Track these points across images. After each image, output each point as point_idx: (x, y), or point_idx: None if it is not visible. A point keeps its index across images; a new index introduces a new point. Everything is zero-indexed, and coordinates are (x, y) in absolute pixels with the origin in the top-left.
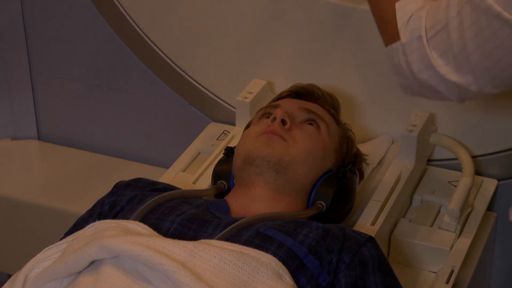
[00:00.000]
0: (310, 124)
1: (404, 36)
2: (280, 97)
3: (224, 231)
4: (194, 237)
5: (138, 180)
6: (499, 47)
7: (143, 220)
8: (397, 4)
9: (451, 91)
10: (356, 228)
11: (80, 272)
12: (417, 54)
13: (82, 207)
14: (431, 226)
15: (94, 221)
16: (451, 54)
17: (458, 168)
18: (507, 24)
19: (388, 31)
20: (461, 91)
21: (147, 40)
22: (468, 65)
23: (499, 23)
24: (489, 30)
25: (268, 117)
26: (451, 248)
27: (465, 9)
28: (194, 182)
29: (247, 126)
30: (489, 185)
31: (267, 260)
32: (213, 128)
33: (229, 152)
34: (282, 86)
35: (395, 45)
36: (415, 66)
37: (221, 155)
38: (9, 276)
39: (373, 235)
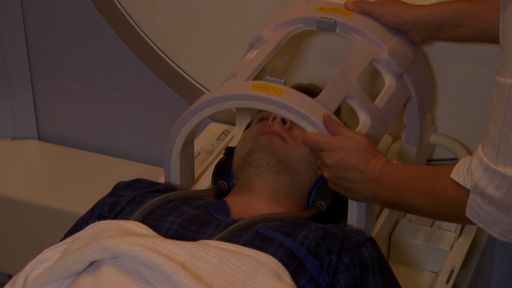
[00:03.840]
0: None
1: (470, 182)
2: None
3: (224, 232)
4: (193, 238)
5: (138, 181)
6: None
7: (143, 221)
8: (452, 176)
9: None
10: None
11: (80, 273)
12: (493, 182)
13: (82, 207)
14: (431, 226)
15: (94, 221)
16: None
17: None
18: None
19: (454, 202)
20: None
21: (147, 40)
22: None
23: None
24: None
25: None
26: (451, 248)
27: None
28: (194, 182)
29: (247, 126)
30: None
31: (267, 261)
32: (213, 128)
33: (229, 152)
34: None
35: (470, 201)
36: (498, 194)
37: (221, 155)
38: (9, 276)
39: (373, 235)
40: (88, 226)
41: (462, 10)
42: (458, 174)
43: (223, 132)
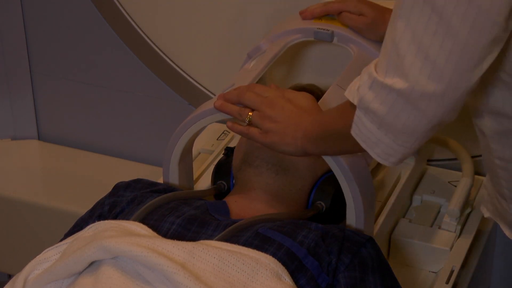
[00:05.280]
0: None
1: (356, 97)
2: None
3: (224, 232)
4: (193, 238)
5: (138, 181)
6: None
7: (143, 221)
8: (345, 94)
9: (424, 106)
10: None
11: (80, 273)
12: (379, 96)
13: (82, 207)
14: (431, 226)
15: (94, 221)
16: (406, 65)
17: (458, 168)
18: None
19: (344, 119)
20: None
21: (147, 40)
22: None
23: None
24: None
25: None
26: (451, 248)
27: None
28: (194, 182)
29: None
30: None
31: (266, 261)
32: (213, 128)
33: (229, 152)
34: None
35: (355, 118)
36: (381, 110)
37: (221, 155)
38: (9, 276)
39: (373, 235)
40: (88, 226)
41: None
42: (350, 91)
43: (223, 132)
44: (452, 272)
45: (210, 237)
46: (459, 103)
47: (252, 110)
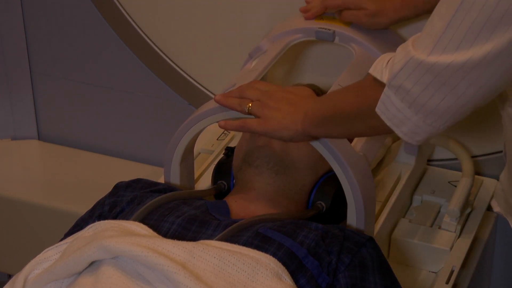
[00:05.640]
0: None
1: (386, 74)
2: None
3: (224, 232)
4: (193, 238)
5: (138, 181)
6: None
7: (143, 221)
8: (370, 71)
9: (464, 88)
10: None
11: (80, 273)
12: (414, 75)
13: (82, 207)
14: (431, 226)
15: (94, 221)
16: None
17: (458, 168)
18: None
19: (372, 99)
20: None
21: (147, 40)
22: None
23: None
24: None
25: None
26: (451, 248)
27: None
28: (194, 182)
29: None
30: (489, 185)
31: (267, 261)
32: (213, 128)
33: (229, 152)
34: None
35: (383, 96)
36: (415, 89)
37: (221, 155)
38: (9, 276)
39: (373, 235)
40: (88, 226)
41: None
42: (376, 69)
43: (223, 132)
44: (452, 272)
45: (210, 237)
46: (500, 89)
47: (252, 102)
